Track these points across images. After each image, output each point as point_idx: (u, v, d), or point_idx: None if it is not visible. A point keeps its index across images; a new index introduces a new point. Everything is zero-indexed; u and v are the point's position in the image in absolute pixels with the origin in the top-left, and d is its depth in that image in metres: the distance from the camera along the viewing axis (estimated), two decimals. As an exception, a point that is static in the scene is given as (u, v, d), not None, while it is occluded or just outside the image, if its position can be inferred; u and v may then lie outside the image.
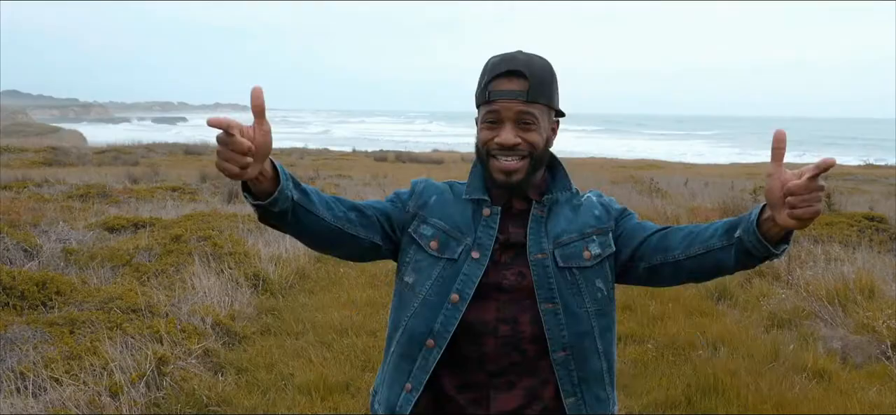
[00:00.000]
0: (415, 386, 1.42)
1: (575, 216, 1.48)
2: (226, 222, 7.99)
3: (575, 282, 1.43)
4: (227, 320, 4.61)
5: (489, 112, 1.42)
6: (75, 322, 4.25)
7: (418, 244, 1.47)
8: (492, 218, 1.45)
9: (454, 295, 1.41)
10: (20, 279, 4.97)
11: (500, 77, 1.40)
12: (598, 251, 1.46)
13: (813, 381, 4.03)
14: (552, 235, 1.45)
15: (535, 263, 1.42)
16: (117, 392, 3.28)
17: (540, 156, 1.43)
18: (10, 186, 12.89)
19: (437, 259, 1.44)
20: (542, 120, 1.42)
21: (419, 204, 1.51)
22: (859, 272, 5.77)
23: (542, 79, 1.41)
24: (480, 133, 1.45)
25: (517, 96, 1.39)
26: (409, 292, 1.46)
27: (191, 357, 3.95)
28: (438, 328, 1.41)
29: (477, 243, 1.44)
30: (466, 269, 1.42)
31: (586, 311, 1.43)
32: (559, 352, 1.40)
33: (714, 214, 9.57)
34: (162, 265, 5.89)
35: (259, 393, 3.72)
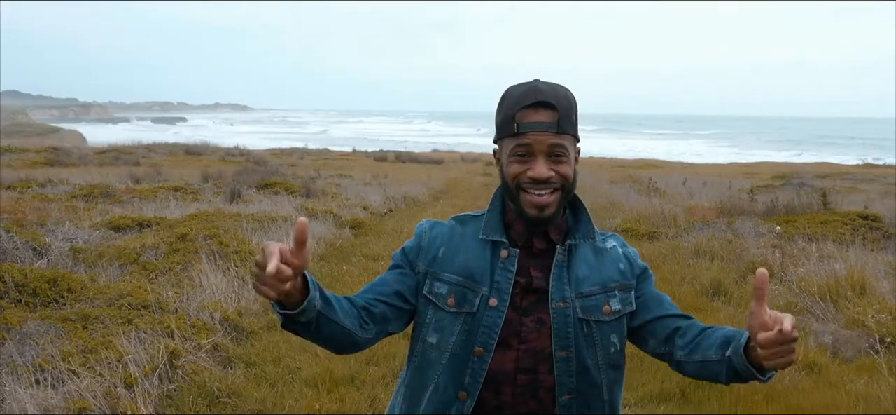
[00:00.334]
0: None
1: (598, 264, 1.46)
2: (230, 222, 8.11)
3: (591, 334, 1.42)
4: (234, 316, 4.74)
5: (519, 146, 1.38)
6: (87, 318, 4.38)
7: (435, 304, 1.44)
8: (510, 260, 1.42)
9: (478, 348, 1.40)
10: (32, 277, 5.10)
11: (527, 108, 1.36)
12: (618, 307, 1.44)
13: (803, 373, 4.16)
14: (574, 284, 1.43)
15: (557, 311, 1.40)
16: (132, 384, 3.41)
17: (570, 188, 1.41)
18: (14, 186, 13.00)
19: (456, 315, 1.42)
20: (571, 150, 1.40)
21: (428, 260, 1.47)
22: (851, 269, 5.90)
23: (569, 108, 1.38)
24: (510, 167, 1.40)
25: (549, 128, 1.36)
26: (433, 352, 1.44)
27: (201, 351, 4.08)
28: (469, 381, 1.40)
29: (495, 289, 1.41)
30: (487, 320, 1.40)
31: (597, 364, 1.42)
32: (564, 395, 1.40)
33: (711, 213, 9.71)
34: (169, 263, 6.01)
35: (267, 385, 3.85)
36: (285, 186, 13.75)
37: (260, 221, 8.26)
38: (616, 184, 17.67)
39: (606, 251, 1.48)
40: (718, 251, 7.23)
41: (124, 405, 3.25)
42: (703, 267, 6.65)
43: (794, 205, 9.97)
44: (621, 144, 65.87)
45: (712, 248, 7.35)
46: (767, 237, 7.62)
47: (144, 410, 3.29)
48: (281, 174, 17.48)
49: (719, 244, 7.49)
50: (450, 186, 17.47)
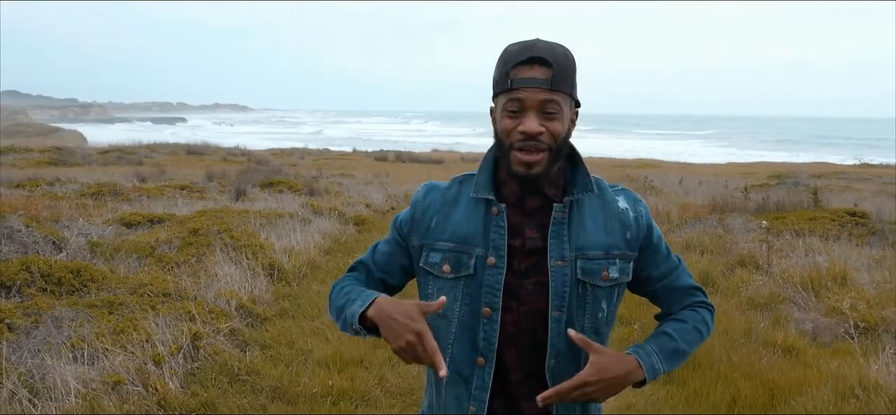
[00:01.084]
0: (479, 408, 1.42)
1: (606, 225, 1.43)
2: (238, 218, 8.40)
3: (584, 296, 1.41)
4: (248, 304, 5.04)
5: (511, 100, 1.36)
6: (112, 304, 4.68)
7: (433, 275, 1.45)
8: (500, 216, 1.41)
9: (485, 309, 1.40)
10: (56, 267, 5.39)
11: (522, 64, 1.35)
12: (616, 276, 1.43)
13: (782, 356, 4.46)
14: (575, 243, 1.41)
15: (555, 270, 1.39)
16: (160, 362, 3.70)
17: (560, 147, 1.38)
18: (23, 184, 13.27)
19: (455, 281, 1.42)
20: (565, 109, 1.37)
21: (422, 233, 1.48)
22: (833, 262, 6.20)
23: (566, 67, 1.36)
24: (501, 122, 1.39)
25: (541, 84, 1.34)
26: (441, 322, 1.43)
27: (219, 335, 4.37)
28: (483, 346, 1.40)
29: (492, 247, 1.40)
30: (487, 279, 1.40)
31: (583, 327, 1.41)
32: (553, 360, 1.40)
33: (703, 210, 10.02)
34: (184, 256, 6.30)
35: (283, 365, 4.14)
36: (289, 185, 14.04)
37: (267, 218, 8.56)
38: (614, 183, 17.95)
39: (617, 213, 1.45)
40: (708, 245, 7.54)
41: (154, 380, 3.54)
42: (693, 260, 6.94)
43: (784, 202, 10.28)
44: (620, 144, 66.16)
45: (703, 242, 7.65)
46: (756, 232, 7.92)
47: (172, 385, 3.58)
48: (283, 173, 17.77)
49: (710, 239, 7.79)
50: (450, 185, 17.75)
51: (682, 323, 1.48)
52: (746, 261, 6.71)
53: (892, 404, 3.37)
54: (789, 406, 3.56)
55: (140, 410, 3.33)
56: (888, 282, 5.97)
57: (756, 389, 3.80)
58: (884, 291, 5.70)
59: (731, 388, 3.83)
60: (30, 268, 5.29)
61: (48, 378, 3.31)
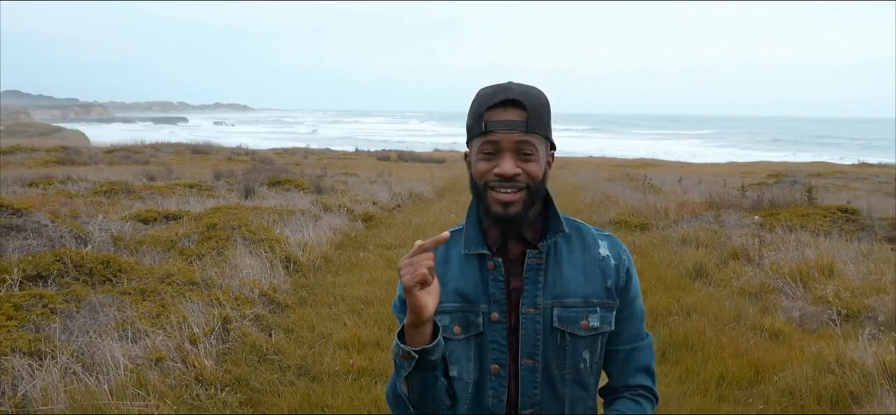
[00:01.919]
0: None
1: (583, 274, 1.41)
2: (251, 214, 8.73)
3: (563, 347, 1.38)
4: (270, 292, 5.37)
5: (486, 143, 1.35)
6: (144, 292, 5.01)
7: (444, 338, 1.39)
8: (498, 271, 1.39)
9: (493, 366, 1.38)
10: (87, 259, 5.73)
11: (495, 107, 1.34)
12: (596, 325, 1.40)
13: (769, 339, 4.79)
14: (552, 290, 1.39)
15: (526, 316, 1.37)
16: (195, 341, 4.04)
17: (537, 188, 1.36)
18: (36, 183, 13.58)
19: (466, 340, 1.39)
20: (541, 151, 1.36)
21: None
22: (821, 254, 6.52)
23: (540, 109, 1.35)
24: (477, 166, 1.37)
25: (516, 127, 1.33)
26: (459, 385, 1.41)
27: (245, 320, 4.70)
28: (492, 402, 1.39)
29: (493, 303, 1.39)
30: (493, 335, 1.39)
31: (563, 376, 1.39)
32: (527, 410, 1.38)
33: (700, 207, 10.34)
34: (204, 249, 6.63)
35: (306, 346, 4.48)
36: (295, 184, 14.36)
37: (279, 214, 8.89)
38: (613, 182, 18.28)
39: (597, 260, 1.43)
40: (703, 240, 7.87)
41: (191, 358, 3.87)
42: (688, 253, 7.28)
43: (778, 199, 10.61)
44: (619, 144, 66.50)
45: (698, 237, 7.99)
46: (750, 228, 8.24)
47: (208, 362, 3.92)
48: (289, 172, 18.09)
49: (705, 234, 8.13)
50: (452, 184, 18.09)
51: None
52: (739, 254, 7.04)
53: (865, 379, 3.69)
54: (772, 382, 3.89)
55: (181, 383, 3.67)
56: (873, 273, 6.29)
57: (743, 367, 4.14)
58: (868, 282, 6.02)
59: (719, 366, 4.17)
60: (63, 259, 5.62)
61: (97, 355, 3.64)
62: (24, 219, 7.05)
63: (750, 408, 3.67)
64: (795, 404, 3.63)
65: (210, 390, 3.71)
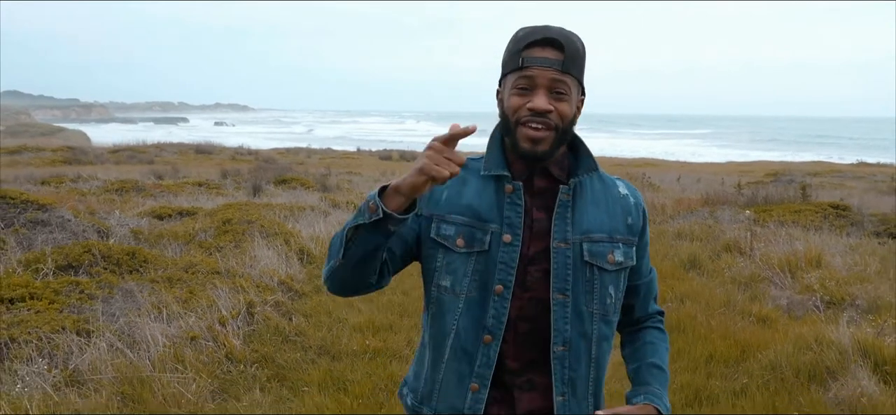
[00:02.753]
0: (481, 384, 1.40)
1: (608, 209, 1.44)
2: (263, 210, 9.06)
3: (591, 280, 1.40)
4: (287, 281, 5.70)
5: (521, 78, 1.36)
6: (171, 280, 5.34)
7: (444, 247, 1.41)
8: (516, 194, 1.39)
9: (497, 286, 1.38)
10: (114, 250, 6.06)
11: (534, 45, 1.36)
12: (621, 259, 1.43)
13: (757, 324, 5.12)
14: (580, 226, 1.40)
15: (557, 251, 1.38)
16: (224, 323, 4.37)
17: (566, 128, 1.38)
18: (49, 181, 13.91)
19: (468, 255, 1.39)
20: (573, 92, 1.38)
21: (433, 203, 1.44)
22: (809, 247, 6.86)
23: (576, 51, 1.37)
24: (510, 100, 1.38)
25: (552, 64, 1.34)
26: (448, 295, 1.41)
27: (266, 305, 5.03)
28: (491, 323, 1.38)
29: (506, 224, 1.38)
30: (502, 256, 1.38)
31: (592, 313, 1.40)
32: (559, 346, 1.38)
33: (696, 204, 10.68)
34: (222, 242, 6.96)
35: (325, 329, 4.81)
36: (301, 182, 14.70)
37: (290, 210, 9.22)
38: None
39: (618, 198, 1.47)
40: (698, 234, 8.20)
41: (222, 337, 4.21)
42: (683, 246, 7.62)
43: (772, 196, 10.94)
44: (619, 143, 66.83)
45: (693, 231, 8.32)
46: (743, 223, 8.58)
47: (236, 342, 4.25)
48: (293, 171, 18.44)
49: (700, 228, 8.46)
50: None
51: (661, 350, 1.53)
52: (732, 247, 7.37)
53: (841, 356, 4.02)
54: (756, 359, 4.22)
55: (213, 360, 4.00)
56: (858, 265, 6.62)
57: (730, 347, 4.47)
58: (853, 272, 6.35)
59: (709, 346, 4.50)
60: (91, 251, 5.95)
61: (137, 333, 3.97)
62: (49, 214, 7.38)
63: (735, 383, 4.00)
64: (776, 377, 3.96)
65: (240, 367, 4.04)
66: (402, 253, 1.44)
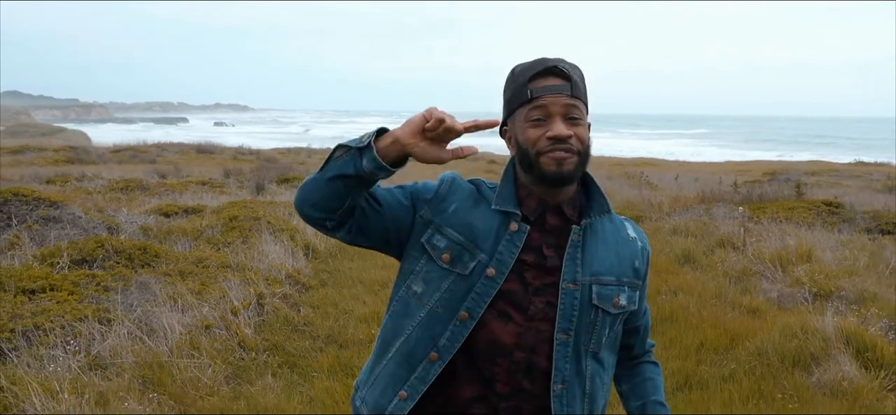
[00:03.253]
0: (411, 395, 1.38)
1: (616, 254, 1.44)
2: (267, 208, 9.26)
3: (594, 322, 1.39)
4: (294, 274, 5.90)
5: (534, 109, 1.35)
6: (183, 273, 5.54)
7: (429, 255, 1.40)
8: (518, 235, 1.38)
9: (463, 313, 1.36)
10: (126, 245, 6.26)
11: (538, 77, 1.36)
12: (624, 304, 1.43)
13: (747, 314, 5.31)
14: (590, 267, 1.40)
15: (566, 292, 1.37)
16: (236, 313, 4.57)
17: (586, 153, 1.39)
18: (54, 180, 14.09)
19: (447, 272, 1.38)
20: (585, 118, 1.38)
21: (437, 211, 1.42)
22: (800, 242, 7.05)
23: (579, 77, 1.39)
24: (526, 133, 1.36)
25: (563, 91, 1.34)
26: (415, 301, 1.40)
27: (275, 297, 5.23)
28: (444, 343, 1.37)
29: (496, 260, 1.37)
30: (479, 287, 1.37)
31: (587, 351, 1.40)
32: (559, 385, 1.38)
33: (692, 201, 10.87)
34: (229, 238, 7.16)
35: (331, 320, 5.01)
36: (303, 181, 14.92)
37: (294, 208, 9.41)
38: (612, 179, 18.82)
39: (627, 241, 1.47)
40: (693, 230, 8.41)
41: (234, 326, 4.40)
42: (678, 242, 7.82)
43: (767, 194, 11.15)
44: (619, 143, 66.99)
45: (688, 227, 8.52)
46: (737, 219, 8.78)
47: (247, 331, 4.45)
48: (295, 171, 18.64)
49: (695, 225, 8.66)
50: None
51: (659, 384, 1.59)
52: (725, 242, 7.57)
53: (825, 343, 4.22)
54: (744, 347, 4.42)
55: (227, 348, 4.20)
56: (847, 259, 6.82)
57: (720, 335, 4.67)
58: (843, 267, 6.55)
59: (700, 335, 4.70)
60: (104, 245, 6.15)
61: (155, 322, 4.17)
62: (61, 211, 7.59)
63: (724, 369, 4.20)
64: (762, 363, 4.16)
65: (252, 354, 4.24)
66: (378, 228, 1.41)
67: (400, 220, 1.42)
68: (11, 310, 4.18)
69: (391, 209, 1.41)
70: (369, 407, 1.43)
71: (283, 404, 3.57)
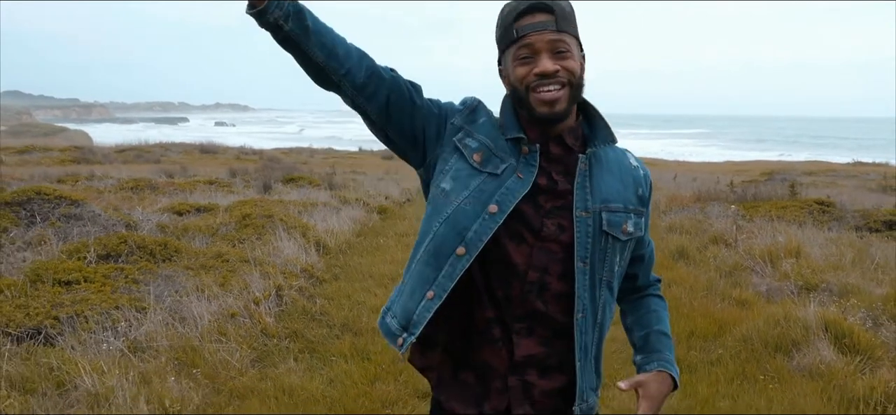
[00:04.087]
0: (437, 294, 1.39)
1: (621, 181, 1.47)
2: (278, 206, 9.58)
3: (605, 249, 1.42)
4: (309, 268, 6.23)
5: (521, 48, 1.38)
6: (205, 267, 5.87)
7: (461, 154, 1.43)
8: (531, 155, 1.41)
9: (492, 206, 1.37)
10: (148, 241, 6.59)
11: (524, 15, 1.38)
12: (632, 230, 1.46)
13: (736, 306, 5.64)
14: (599, 195, 1.42)
15: (580, 220, 1.39)
16: (258, 303, 4.90)
17: (577, 84, 1.40)
18: (64, 180, 14.39)
19: (478, 172, 1.40)
20: (574, 49, 1.40)
21: (469, 119, 1.47)
22: (790, 239, 7.38)
23: (566, 10, 1.40)
24: (515, 71, 1.40)
25: (547, 26, 1.36)
26: (443, 199, 1.41)
27: (292, 290, 5.56)
28: (471, 236, 1.37)
29: (522, 168, 1.41)
30: (510, 184, 1.39)
31: (601, 279, 1.43)
32: (580, 313, 1.40)
33: (688, 200, 11.21)
34: (244, 235, 7.49)
35: (346, 310, 5.34)
36: (309, 180, 15.22)
37: (303, 206, 9.75)
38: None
39: (630, 168, 1.50)
40: (688, 227, 8.74)
41: (257, 315, 4.74)
42: (673, 239, 8.15)
43: (761, 194, 11.48)
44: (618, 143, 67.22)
45: (683, 225, 8.86)
46: (730, 217, 9.11)
47: (269, 319, 4.78)
48: (299, 170, 18.97)
49: (689, 222, 9.00)
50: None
51: (664, 317, 1.62)
52: (718, 239, 7.90)
53: (805, 330, 4.54)
54: (731, 334, 4.75)
55: (251, 334, 4.53)
56: (834, 255, 7.15)
57: (709, 324, 5.00)
58: (829, 262, 6.88)
59: (690, 323, 5.03)
60: (127, 241, 6.48)
61: (184, 311, 4.50)
62: (81, 209, 7.92)
63: (711, 354, 4.53)
64: (747, 348, 4.49)
65: (274, 340, 4.57)
66: (408, 120, 1.46)
67: (430, 122, 1.47)
68: (52, 299, 4.52)
69: (425, 109, 1.46)
70: (398, 316, 1.46)
71: (307, 384, 3.90)
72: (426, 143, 1.47)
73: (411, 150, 1.49)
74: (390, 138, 1.48)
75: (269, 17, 1.30)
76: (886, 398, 3.60)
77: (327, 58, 1.37)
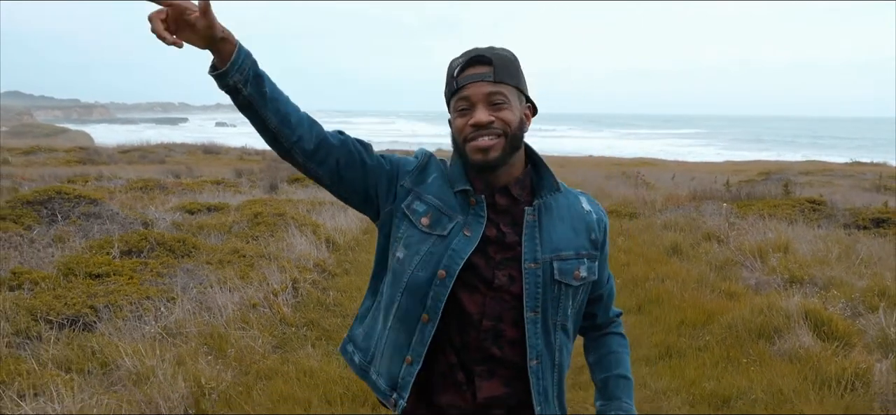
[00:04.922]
0: (415, 359, 1.46)
1: (572, 228, 1.51)
2: (287, 205, 9.92)
3: (558, 297, 1.47)
4: (321, 263, 6.57)
5: (460, 100, 1.43)
6: (223, 262, 6.21)
7: (410, 220, 1.47)
8: (479, 207, 1.46)
9: (441, 271, 1.42)
10: (167, 238, 6.93)
11: (465, 67, 1.43)
12: (585, 275, 1.51)
13: (725, 297, 5.98)
14: (549, 245, 1.47)
15: (528, 272, 1.44)
16: (276, 294, 5.24)
17: (514, 135, 1.43)
18: (73, 180, 14.68)
19: (427, 235, 1.45)
20: (513, 100, 1.43)
21: (418, 180, 1.52)
22: (779, 235, 7.72)
23: (507, 61, 1.44)
24: (455, 123, 1.46)
25: (484, 78, 1.41)
26: (399, 268, 1.47)
27: (306, 283, 5.90)
28: (430, 304, 1.43)
29: (469, 223, 1.45)
30: (456, 245, 1.43)
31: (556, 324, 1.48)
32: (534, 360, 1.46)
33: (684, 199, 11.55)
34: (256, 232, 7.83)
35: (358, 301, 5.67)
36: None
37: (312, 205, 10.08)
38: (610, 178, 19.48)
39: (582, 214, 1.54)
40: (682, 225, 9.08)
41: (276, 306, 5.08)
42: (667, 235, 8.49)
43: (755, 193, 11.82)
44: (618, 143, 67.69)
45: (678, 223, 9.20)
46: (724, 215, 9.45)
47: (287, 309, 5.12)
48: (303, 170, 19.26)
49: (684, 220, 9.34)
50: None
51: (624, 358, 1.66)
52: (711, 236, 8.23)
53: (787, 319, 4.88)
54: (718, 322, 5.09)
55: (271, 323, 4.87)
56: (822, 251, 7.49)
57: (698, 314, 5.34)
58: (816, 257, 7.22)
59: (681, 314, 5.37)
60: (147, 238, 6.82)
61: (209, 301, 4.84)
62: (100, 207, 8.26)
63: (699, 341, 4.86)
64: (732, 335, 4.83)
65: (292, 328, 4.91)
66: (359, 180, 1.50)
67: (380, 180, 1.51)
68: (86, 290, 4.86)
69: (375, 168, 1.51)
70: (385, 379, 1.51)
71: (325, 367, 4.23)
72: (379, 199, 1.53)
73: (365, 206, 1.55)
74: (344, 198, 1.55)
75: (230, 80, 1.35)
76: (856, 377, 3.94)
77: (280, 124, 1.42)
